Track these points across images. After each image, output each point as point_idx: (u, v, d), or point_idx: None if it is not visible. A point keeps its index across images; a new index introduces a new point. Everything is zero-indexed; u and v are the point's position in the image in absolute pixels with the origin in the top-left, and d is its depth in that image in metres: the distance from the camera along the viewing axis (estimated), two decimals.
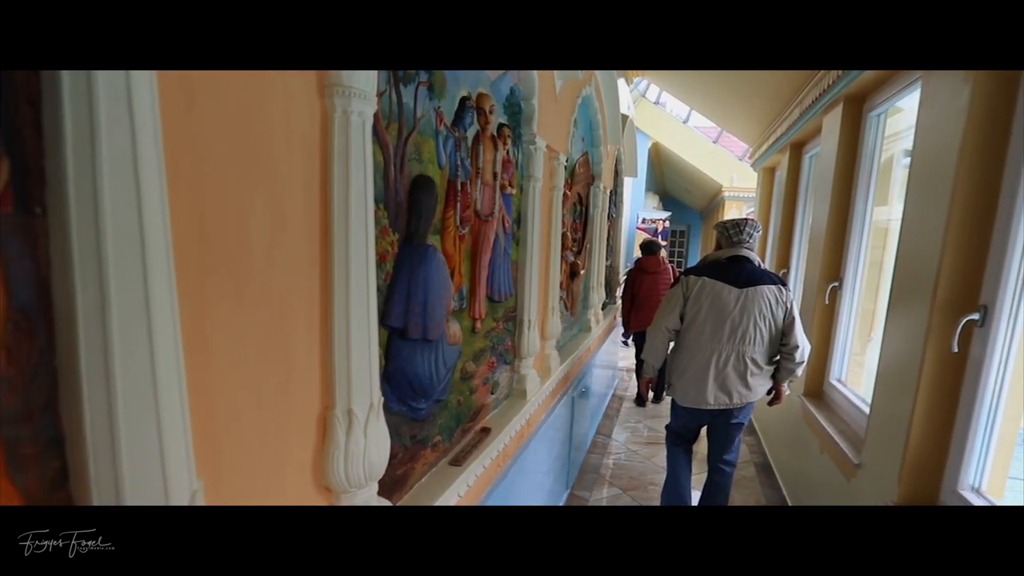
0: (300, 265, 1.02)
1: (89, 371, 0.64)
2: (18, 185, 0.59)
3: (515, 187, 2.24)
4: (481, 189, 1.91)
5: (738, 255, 2.65)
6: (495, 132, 1.98)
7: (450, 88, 1.64)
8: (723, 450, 2.90)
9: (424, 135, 1.49)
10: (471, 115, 1.78)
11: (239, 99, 0.85)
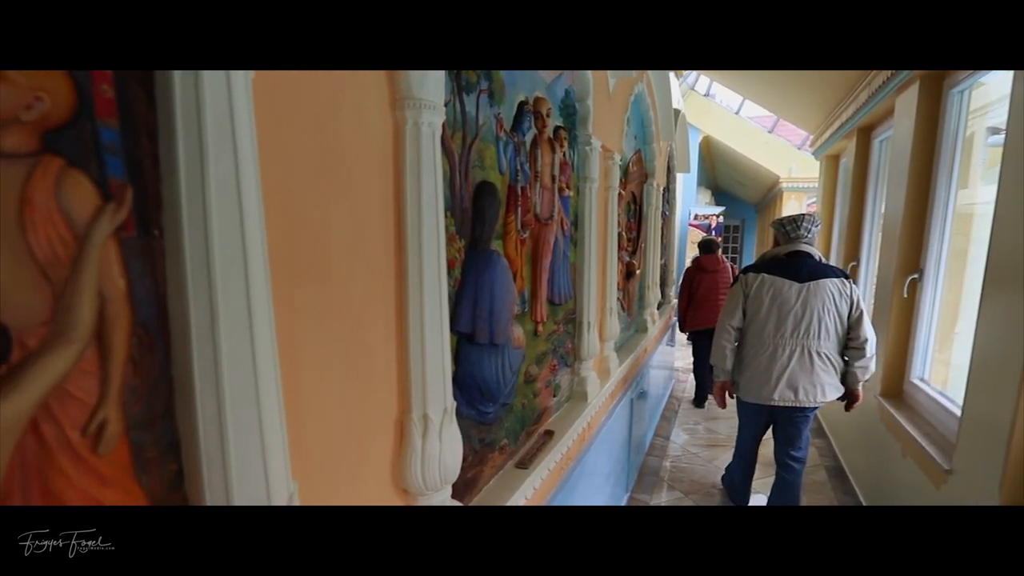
0: (377, 274, 1.05)
1: (202, 381, 0.69)
2: (139, 210, 0.64)
3: (572, 189, 2.23)
4: (540, 192, 1.91)
5: (797, 250, 2.65)
6: (551, 135, 1.98)
7: (508, 93, 1.65)
8: (790, 445, 2.83)
9: (486, 142, 1.51)
10: (529, 119, 1.79)
11: (318, 117, 0.88)
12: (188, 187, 0.65)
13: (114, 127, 0.61)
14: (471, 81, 1.40)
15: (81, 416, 0.61)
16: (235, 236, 0.68)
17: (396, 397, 1.14)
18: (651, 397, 4.39)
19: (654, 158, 3.96)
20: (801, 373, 2.58)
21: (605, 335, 2.79)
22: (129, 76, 0.62)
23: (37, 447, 0.57)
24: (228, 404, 0.70)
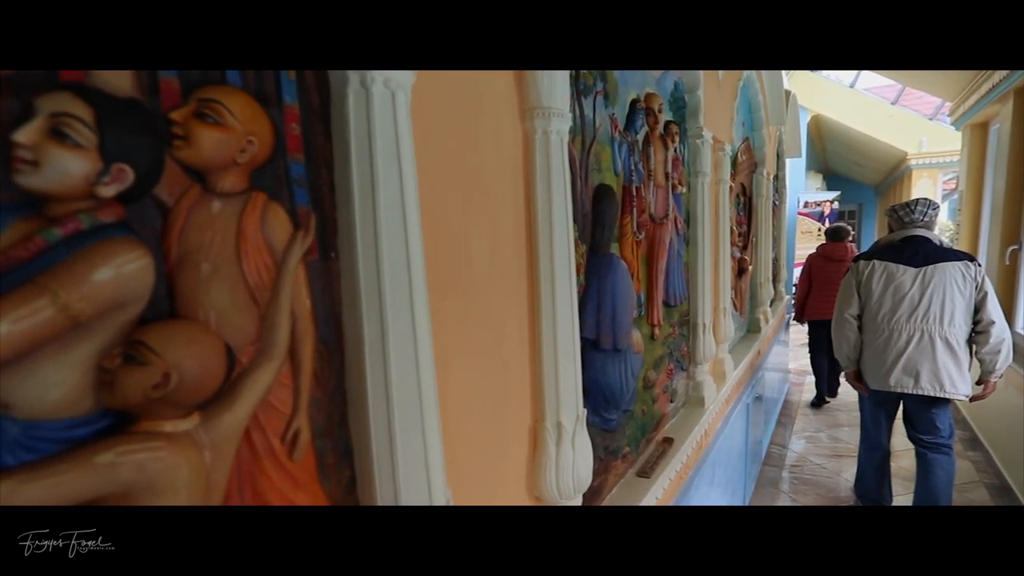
0: (511, 283, 1.07)
1: (374, 393, 0.74)
2: (320, 235, 0.70)
3: (684, 185, 2.16)
4: (654, 192, 1.86)
5: (913, 235, 2.62)
6: (662, 131, 1.92)
7: (621, 92, 1.62)
8: (924, 431, 2.73)
9: (602, 143, 1.49)
10: (641, 117, 1.75)
11: (460, 133, 0.92)
12: (361, 211, 0.70)
13: (300, 161, 0.68)
14: (588, 84, 1.39)
15: (280, 425, 0.67)
16: (401, 255, 0.73)
17: (530, 405, 1.16)
18: (766, 402, 4.13)
19: (763, 145, 3.73)
20: (922, 359, 2.53)
21: (720, 336, 2.67)
22: (310, 111, 0.69)
23: (249, 453, 0.64)
24: (397, 414, 0.74)
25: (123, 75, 0.52)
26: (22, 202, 0.46)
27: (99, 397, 0.50)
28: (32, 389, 0.46)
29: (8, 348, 0.44)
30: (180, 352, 0.52)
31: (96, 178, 0.48)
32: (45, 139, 0.45)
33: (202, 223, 0.58)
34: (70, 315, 0.46)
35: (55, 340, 0.46)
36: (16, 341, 0.44)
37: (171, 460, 0.52)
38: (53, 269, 0.46)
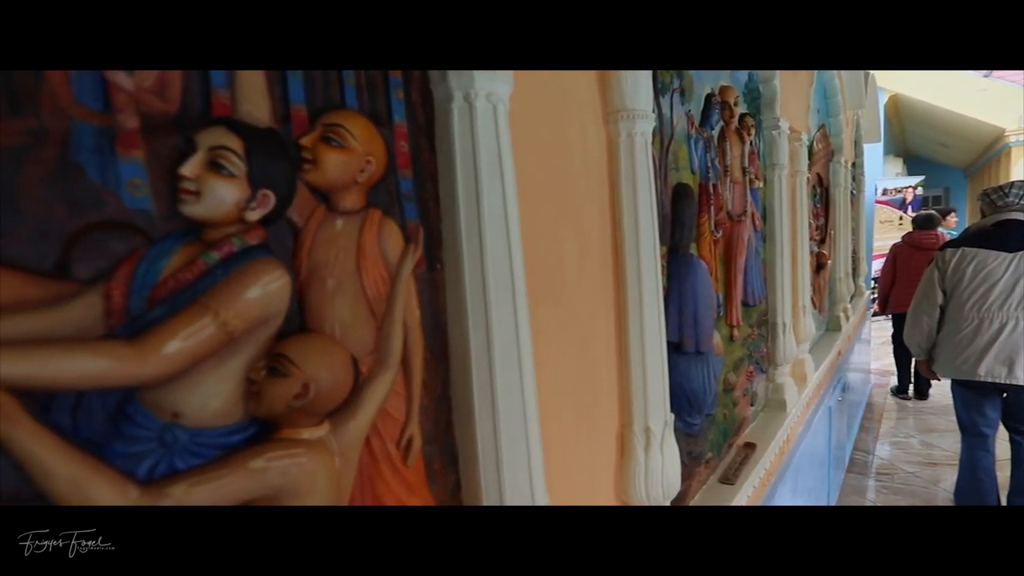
0: (598, 287, 1.08)
1: (480, 400, 0.76)
2: (426, 247, 0.73)
3: (760, 180, 2.09)
4: (731, 188, 1.81)
5: (1008, 219, 2.49)
6: (738, 124, 1.87)
7: (696, 88, 1.59)
8: (1020, 420, 2.62)
9: (679, 142, 1.47)
10: (717, 111, 1.70)
11: (548, 141, 0.93)
12: (467, 223, 0.72)
13: (408, 177, 0.71)
14: (665, 82, 1.38)
15: (395, 432, 0.71)
16: (504, 264, 0.74)
17: (617, 410, 1.16)
18: (848, 405, 3.92)
19: (841, 131, 3.54)
20: (1017, 347, 2.43)
21: (800, 336, 2.56)
22: (417, 129, 0.72)
23: (368, 459, 0.68)
24: (502, 421, 0.76)
25: (262, 106, 0.56)
26: (185, 229, 0.51)
27: (247, 406, 0.55)
28: (196, 400, 0.51)
29: (180, 363, 0.48)
30: (317, 363, 0.56)
31: (245, 204, 0.52)
32: (205, 171, 0.50)
33: (327, 240, 0.62)
34: (227, 331, 0.50)
35: (214, 355, 0.51)
36: (186, 357, 0.49)
37: (310, 466, 0.56)
38: (213, 289, 0.50)
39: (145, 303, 0.48)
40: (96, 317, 0.46)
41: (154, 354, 0.47)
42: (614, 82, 1.05)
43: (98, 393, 0.46)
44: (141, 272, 0.48)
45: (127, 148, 0.47)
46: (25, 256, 0.43)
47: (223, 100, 0.54)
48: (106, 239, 0.47)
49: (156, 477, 0.49)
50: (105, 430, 0.47)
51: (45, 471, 0.42)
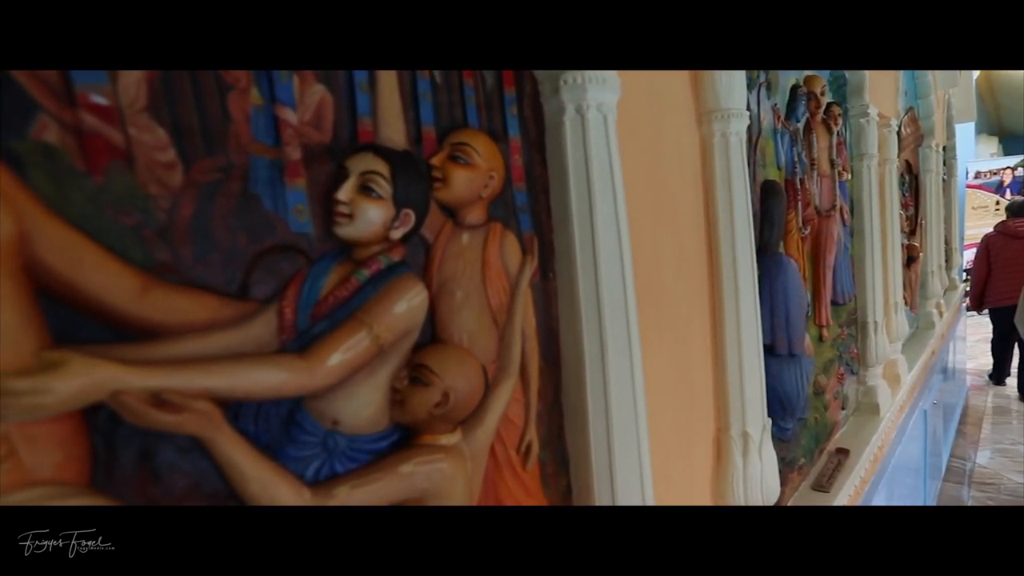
0: (695, 290, 1.07)
1: (594, 406, 0.77)
2: (540, 257, 0.75)
3: (848, 171, 1.99)
4: (818, 182, 1.74)
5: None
6: (824, 114, 1.79)
7: (781, 80, 1.54)
8: None
9: (766, 137, 1.43)
10: (803, 103, 1.64)
11: (643, 146, 0.93)
12: (580, 233, 0.74)
13: (523, 190, 0.73)
14: (752, 77, 1.34)
15: (515, 437, 0.73)
16: (617, 273, 0.76)
17: (713, 414, 1.15)
18: (943, 408, 3.67)
19: (931, 113, 3.32)
20: None
21: (892, 335, 2.42)
22: (529, 143, 0.74)
23: (491, 463, 0.71)
24: (615, 427, 0.78)
25: (399, 130, 0.60)
26: (338, 249, 0.56)
27: (392, 414, 0.59)
28: (352, 408, 0.55)
29: (341, 374, 0.53)
30: (454, 373, 0.60)
31: (391, 223, 0.56)
32: (357, 195, 0.54)
33: (455, 254, 0.65)
34: (379, 344, 0.54)
35: (367, 366, 0.55)
36: (346, 368, 0.53)
37: (450, 471, 0.59)
38: (366, 305, 0.54)
39: (310, 319, 0.53)
40: (272, 333, 0.51)
41: (321, 366, 0.51)
42: (708, 82, 1.04)
43: (272, 402, 0.51)
44: (306, 290, 0.53)
45: (293, 177, 0.52)
46: (217, 280, 0.48)
47: (367, 127, 0.58)
48: (277, 262, 0.52)
49: (320, 479, 0.53)
50: (279, 436, 0.52)
51: (240, 473, 0.47)
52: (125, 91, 0.43)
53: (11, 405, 0.36)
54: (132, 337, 0.44)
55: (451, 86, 0.66)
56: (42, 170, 0.39)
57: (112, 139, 0.42)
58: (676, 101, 1.02)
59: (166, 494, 0.45)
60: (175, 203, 0.45)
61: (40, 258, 0.39)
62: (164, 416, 0.42)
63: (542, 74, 0.73)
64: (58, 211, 0.40)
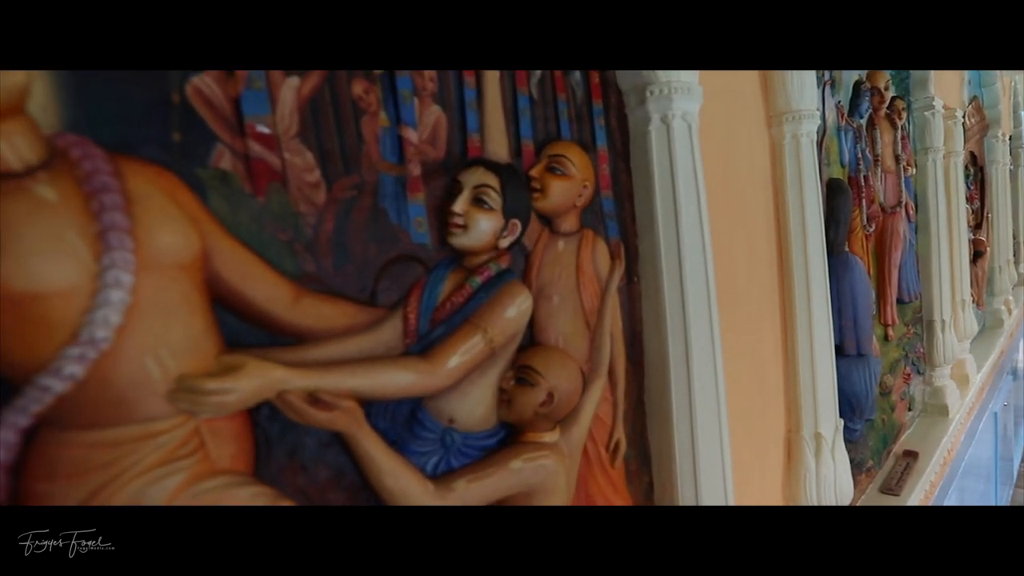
0: (766, 291, 1.07)
1: (678, 406, 0.79)
2: (625, 262, 0.78)
3: (912, 166, 1.94)
4: (883, 178, 1.70)
5: None
6: (887, 109, 1.75)
7: (845, 76, 1.52)
8: None
9: (830, 136, 1.41)
10: (867, 99, 1.61)
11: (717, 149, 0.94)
12: (665, 238, 0.76)
13: (610, 197, 0.76)
14: (818, 76, 1.33)
15: (604, 436, 0.76)
16: (701, 276, 0.78)
17: (784, 415, 1.14)
18: (1013, 410, 3.50)
19: (997, 102, 3.17)
20: None
21: (960, 334, 2.33)
22: (615, 153, 0.77)
23: (584, 460, 0.74)
24: (699, 426, 0.79)
25: (502, 144, 0.64)
26: (451, 258, 0.60)
27: (499, 413, 0.62)
28: (466, 407, 0.59)
29: (459, 375, 0.56)
30: (558, 374, 0.63)
31: (500, 233, 0.60)
32: (471, 207, 0.58)
33: (551, 261, 0.68)
34: (492, 347, 0.58)
35: (479, 367, 0.59)
36: (463, 370, 0.56)
37: (553, 467, 0.63)
38: (480, 310, 0.58)
39: (429, 323, 0.57)
40: (398, 337, 0.55)
41: (443, 368, 0.55)
42: (779, 84, 1.04)
43: (397, 402, 0.55)
44: (425, 297, 0.57)
45: (414, 192, 0.56)
46: (352, 289, 0.52)
47: (475, 142, 0.62)
48: (400, 270, 0.56)
49: (439, 474, 0.57)
50: (404, 433, 0.56)
51: (378, 467, 0.51)
52: (281, 120, 0.48)
53: (204, 402, 0.41)
54: (284, 342, 0.49)
55: (546, 100, 0.69)
56: (219, 193, 0.45)
57: (272, 163, 0.47)
58: (747, 104, 1.02)
59: (311, 483, 0.50)
60: (320, 219, 0.50)
61: (217, 272, 0.44)
62: (319, 414, 0.46)
63: (628, 85, 0.76)
64: (230, 229, 0.45)
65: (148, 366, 0.39)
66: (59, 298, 0.35)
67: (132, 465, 0.38)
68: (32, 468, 0.37)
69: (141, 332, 0.38)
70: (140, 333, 0.38)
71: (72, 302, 0.36)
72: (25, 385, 0.35)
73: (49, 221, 0.36)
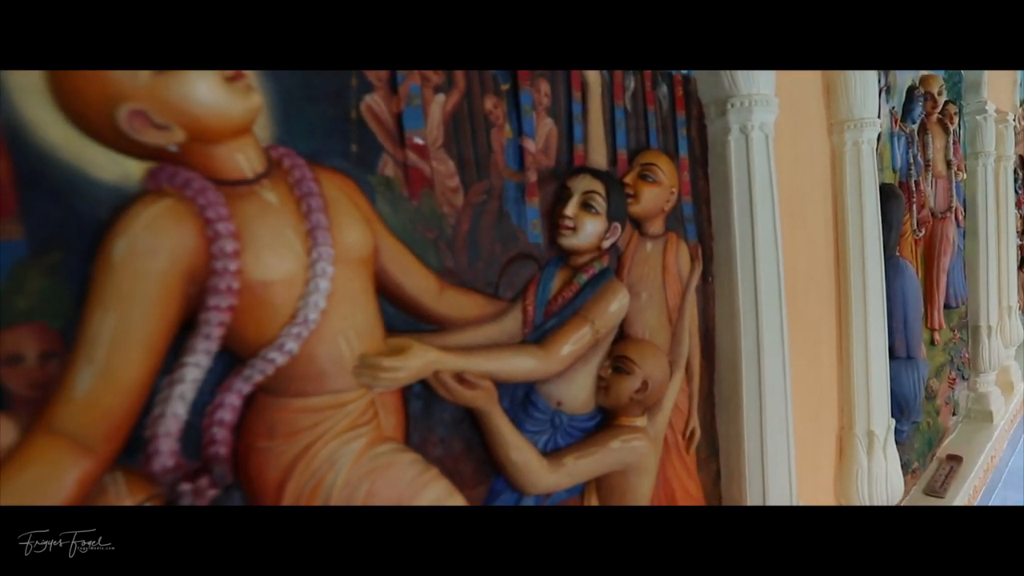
0: (824, 293, 1.12)
1: (748, 398, 0.85)
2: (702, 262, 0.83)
3: (963, 170, 1.95)
4: (933, 183, 1.72)
5: None
6: (939, 114, 1.77)
7: (899, 81, 1.55)
8: None
9: (883, 141, 1.44)
10: (920, 104, 1.63)
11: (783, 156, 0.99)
12: (741, 241, 0.82)
13: (689, 202, 0.82)
14: None
15: (681, 423, 0.82)
16: (774, 277, 0.83)
17: (837, 412, 1.19)
18: None
19: None
20: None
21: (1007, 340, 2.33)
22: (695, 160, 0.82)
23: (663, 445, 0.79)
24: (768, 419, 0.85)
25: (602, 153, 0.70)
26: (559, 257, 0.66)
27: (597, 398, 0.68)
28: (572, 391, 0.66)
29: (569, 362, 0.63)
30: (651, 363, 0.69)
31: (603, 235, 0.66)
32: (580, 211, 0.64)
33: (640, 261, 0.75)
34: (596, 337, 0.64)
35: (584, 356, 0.65)
36: (572, 357, 0.63)
37: (644, 448, 0.69)
38: (587, 304, 0.64)
39: (543, 315, 0.63)
40: (518, 327, 0.62)
41: (557, 355, 0.61)
42: (842, 92, 1.09)
43: (514, 384, 0.62)
44: (540, 291, 0.63)
45: (531, 197, 0.63)
46: (481, 283, 0.59)
47: (580, 152, 0.68)
48: (519, 267, 0.63)
49: (548, 451, 0.64)
50: (520, 414, 0.62)
51: (506, 442, 0.58)
52: (431, 132, 0.55)
53: (381, 378, 0.48)
54: (426, 328, 0.56)
55: (638, 112, 0.75)
56: (384, 197, 0.52)
57: (424, 171, 0.54)
58: (810, 113, 1.07)
59: (447, 454, 0.57)
60: (458, 220, 0.57)
61: (383, 265, 0.51)
62: (466, 392, 0.53)
63: (709, 98, 0.82)
64: (392, 228, 0.52)
65: (340, 345, 0.46)
66: (281, 285, 0.43)
67: (330, 428, 0.46)
68: (253, 428, 0.44)
69: (337, 316, 0.45)
70: (336, 317, 0.45)
71: (291, 289, 0.43)
72: (252, 358, 0.43)
73: (273, 221, 0.43)
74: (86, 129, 0.38)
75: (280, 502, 0.45)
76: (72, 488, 0.38)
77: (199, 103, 0.39)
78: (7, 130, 0.36)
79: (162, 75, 0.37)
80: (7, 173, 0.36)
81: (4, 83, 0.36)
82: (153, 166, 0.40)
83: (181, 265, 0.39)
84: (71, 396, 0.37)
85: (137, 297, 0.38)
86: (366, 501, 0.47)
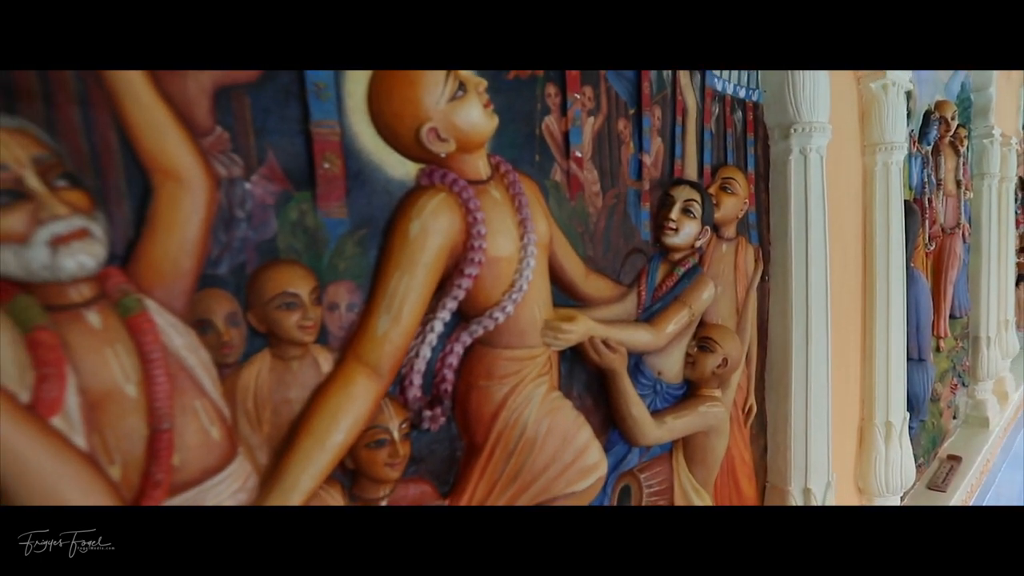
0: (853, 295, 1.33)
1: (796, 384, 1.05)
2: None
3: (970, 190, 2.20)
4: (944, 201, 1.96)
5: None
6: (951, 137, 2.01)
7: (917, 106, 1.78)
8: None
9: (904, 161, 1.67)
10: (935, 127, 1.87)
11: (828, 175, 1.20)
12: (796, 247, 1.02)
13: (752, 211, 1.02)
14: None
15: (741, 400, 1.02)
16: (821, 280, 1.04)
17: (858, 405, 1.40)
18: None
19: None
20: None
21: (1004, 351, 2.60)
22: (759, 175, 1.02)
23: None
24: (812, 402, 1.05)
25: (693, 168, 0.90)
26: (660, 253, 0.85)
27: (684, 371, 0.88)
28: (669, 364, 0.85)
29: (670, 338, 0.82)
30: (730, 344, 0.88)
31: (697, 236, 0.85)
32: (681, 215, 0.83)
33: (717, 259, 0.94)
34: (691, 319, 0.83)
35: (680, 335, 0.84)
36: (673, 335, 0.82)
37: (723, 414, 0.88)
38: (685, 291, 0.84)
39: (651, 299, 0.82)
40: (633, 308, 0.81)
41: (664, 332, 0.80)
42: (875, 118, 1.30)
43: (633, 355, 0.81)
44: (649, 280, 0.82)
45: (645, 202, 0.82)
46: (610, 270, 0.78)
47: (678, 166, 0.88)
48: (634, 259, 0.82)
49: (652, 411, 0.83)
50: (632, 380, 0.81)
51: (630, 399, 0.77)
52: (585, 147, 0.73)
53: (558, 339, 0.67)
54: (575, 304, 0.74)
55: (719, 133, 0.95)
56: (554, 198, 0.70)
57: (580, 177, 0.73)
58: (846, 135, 1.28)
59: (580, 407, 0.75)
60: (598, 218, 0.76)
61: (553, 252, 0.70)
62: (610, 354, 0.72)
63: (774, 123, 1.02)
64: (558, 223, 0.71)
65: (534, 311, 0.65)
66: (506, 261, 0.61)
67: (528, 375, 0.64)
68: (474, 371, 0.62)
69: (534, 288, 0.64)
70: (533, 288, 0.64)
71: (511, 265, 0.62)
72: (478, 316, 0.61)
73: (500, 212, 0.61)
74: (389, 138, 0.55)
75: (491, 431, 0.63)
76: (371, 405, 0.55)
77: (471, 123, 0.57)
78: (346, 139, 0.53)
79: (454, 102, 0.55)
80: (342, 169, 0.53)
81: (344, 102, 0.53)
82: (424, 167, 0.58)
83: (450, 241, 0.57)
84: (374, 335, 0.54)
85: (423, 263, 0.55)
86: (547, 434, 0.65)
